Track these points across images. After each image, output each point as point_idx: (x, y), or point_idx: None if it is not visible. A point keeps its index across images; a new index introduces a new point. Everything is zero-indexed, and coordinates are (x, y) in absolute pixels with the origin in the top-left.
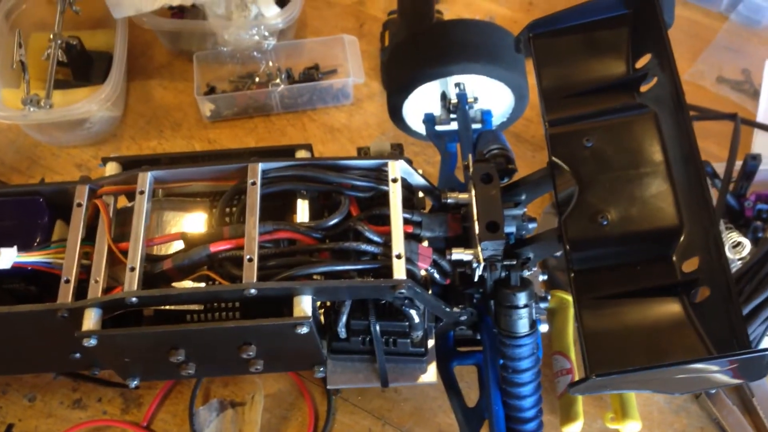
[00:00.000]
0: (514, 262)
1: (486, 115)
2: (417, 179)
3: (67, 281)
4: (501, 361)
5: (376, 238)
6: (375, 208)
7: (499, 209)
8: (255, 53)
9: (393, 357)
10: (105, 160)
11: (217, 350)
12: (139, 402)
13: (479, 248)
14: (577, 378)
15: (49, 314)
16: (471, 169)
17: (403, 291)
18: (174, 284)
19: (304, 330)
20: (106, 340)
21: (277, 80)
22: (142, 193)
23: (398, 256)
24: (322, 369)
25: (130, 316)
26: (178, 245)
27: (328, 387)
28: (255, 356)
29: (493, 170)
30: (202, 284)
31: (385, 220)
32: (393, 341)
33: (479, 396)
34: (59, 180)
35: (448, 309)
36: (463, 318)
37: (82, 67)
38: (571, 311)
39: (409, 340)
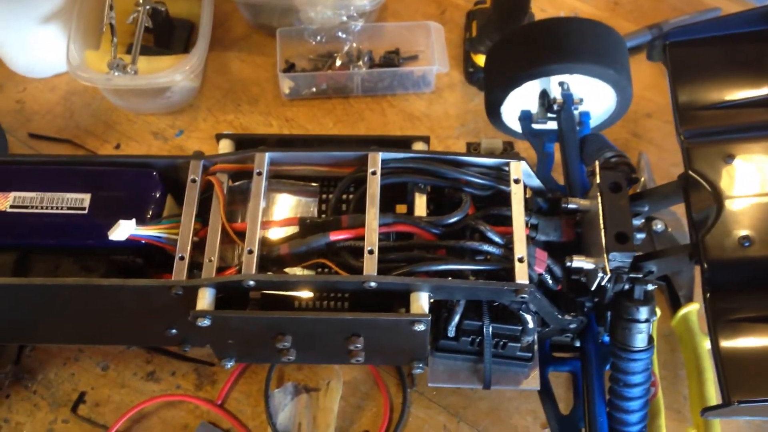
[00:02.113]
0: (640, 276)
1: (584, 117)
2: (533, 181)
3: (182, 258)
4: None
5: (497, 239)
6: (492, 207)
7: (628, 220)
8: (339, 33)
9: (498, 360)
10: (218, 137)
11: (323, 339)
12: (213, 379)
13: (606, 258)
14: (660, 392)
15: (161, 290)
16: (598, 177)
17: (524, 296)
18: (286, 269)
19: (421, 327)
20: (220, 321)
21: (360, 63)
22: (259, 174)
23: (520, 260)
24: (421, 365)
25: (235, 298)
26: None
27: (429, 384)
28: (360, 348)
29: (621, 179)
30: (312, 272)
31: (502, 220)
32: (503, 344)
33: (573, 405)
34: (135, 146)
35: (560, 316)
36: (572, 326)
37: (164, 33)
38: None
39: (518, 345)
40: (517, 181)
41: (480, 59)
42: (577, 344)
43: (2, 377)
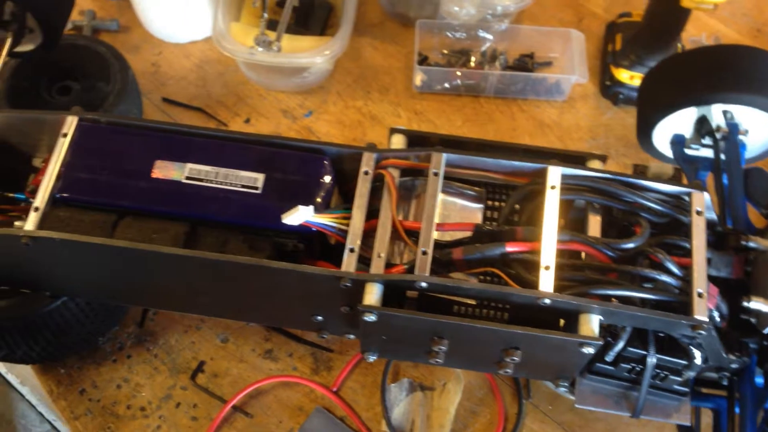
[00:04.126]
0: None
1: (741, 149)
2: (710, 213)
3: (352, 250)
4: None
5: (676, 271)
6: (668, 236)
7: None
8: (480, 32)
9: (653, 390)
10: (392, 131)
11: (479, 347)
12: (329, 365)
13: None
14: None
15: (330, 280)
16: None
17: (702, 332)
18: (454, 275)
19: (589, 351)
20: (385, 318)
21: (495, 63)
22: (436, 174)
23: (700, 295)
24: (566, 384)
25: (391, 294)
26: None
27: (577, 405)
28: (515, 361)
29: None
30: (475, 279)
31: (679, 251)
32: (663, 376)
33: None
34: (265, 122)
35: (725, 355)
36: (734, 366)
37: (304, 13)
38: None
39: (678, 378)
40: (699, 213)
41: (621, 73)
42: (725, 383)
43: (125, 337)
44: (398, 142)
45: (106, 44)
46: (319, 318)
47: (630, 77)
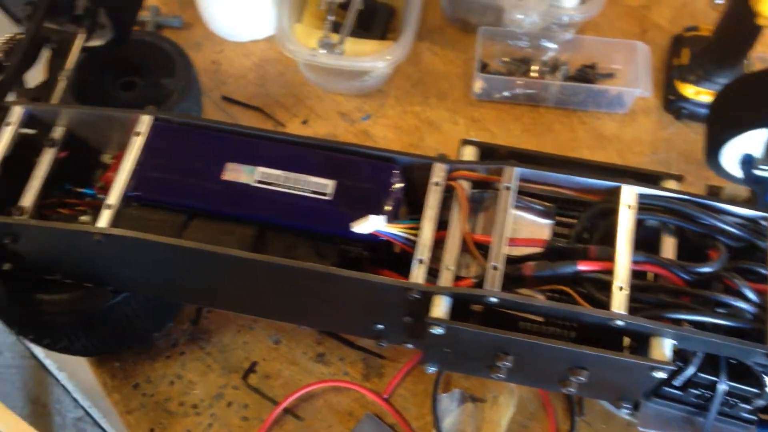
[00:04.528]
0: None
1: None
2: None
3: (421, 261)
4: None
5: (753, 297)
6: (744, 261)
7: None
8: (543, 41)
9: (720, 417)
10: (464, 143)
11: (544, 365)
12: (380, 372)
13: None
14: None
15: (397, 290)
16: None
17: None
18: (522, 291)
19: (661, 375)
20: (452, 331)
21: (557, 73)
22: (508, 188)
23: None
24: (628, 406)
25: (455, 307)
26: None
27: (640, 429)
28: (581, 382)
29: None
30: (542, 295)
31: (753, 276)
32: (732, 403)
33: None
34: (322, 124)
35: None
36: None
37: (366, 16)
38: None
39: (748, 406)
40: None
41: (686, 88)
42: None
43: (179, 334)
44: (469, 153)
45: (171, 41)
46: (380, 327)
47: (696, 93)
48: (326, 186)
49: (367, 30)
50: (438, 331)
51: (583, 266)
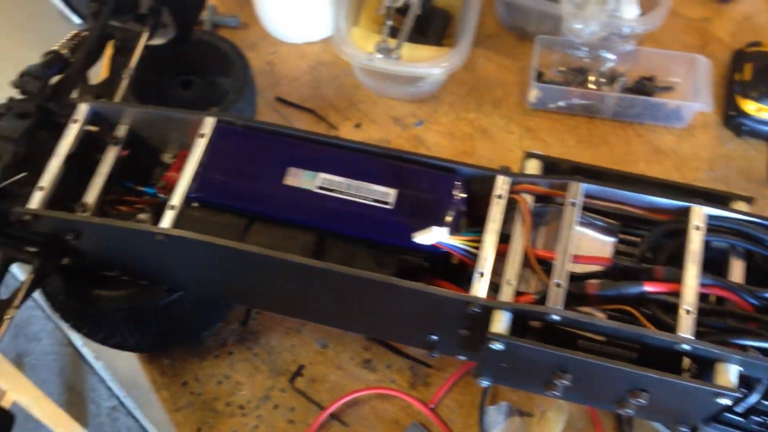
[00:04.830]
0: None
1: None
2: None
3: (482, 275)
4: None
5: None
6: None
7: None
8: (602, 51)
9: None
10: (528, 155)
11: (604, 385)
12: (426, 381)
13: None
14: None
15: (457, 303)
16: None
17: None
18: (584, 309)
19: (725, 402)
20: (512, 347)
21: (615, 85)
22: (573, 204)
23: None
24: (686, 430)
25: (515, 323)
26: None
27: None
28: (640, 404)
29: None
30: (604, 315)
31: None
32: None
33: None
34: (375, 128)
35: None
36: None
37: (422, 21)
38: None
39: None
40: None
41: (747, 104)
42: None
43: (228, 334)
44: (533, 166)
45: (228, 41)
46: (434, 338)
47: (758, 109)
48: (388, 195)
49: (423, 35)
50: (498, 346)
51: (650, 287)
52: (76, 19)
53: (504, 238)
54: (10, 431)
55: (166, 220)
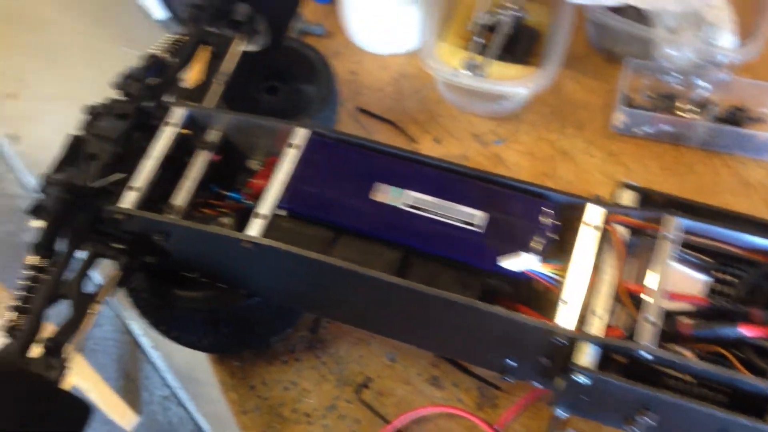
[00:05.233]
0: None
1: None
2: None
3: (570, 305)
4: None
5: None
6: None
7: None
8: (694, 78)
9: None
10: (622, 185)
11: (689, 426)
12: (494, 402)
13: None
14: None
15: (542, 331)
16: None
17: None
18: (671, 346)
19: None
20: (599, 383)
21: (705, 113)
22: (668, 239)
23: None
24: None
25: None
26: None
27: None
28: None
29: None
30: (693, 354)
31: None
32: None
33: None
34: (454, 144)
35: None
36: None
37: (511, 40)
38: None
39: None
40: None
41: None
42: None
43: (297, 340)
44: (626, 197)
45: (315, 49)
46: (511, 363)
47: None
48: (476, 217)
49: (510, 53)
50: (582, 380)
51: (748, 331)
52: (157, 15)
53: (594, 269)
54: (85, 423)
55: (255, 228)
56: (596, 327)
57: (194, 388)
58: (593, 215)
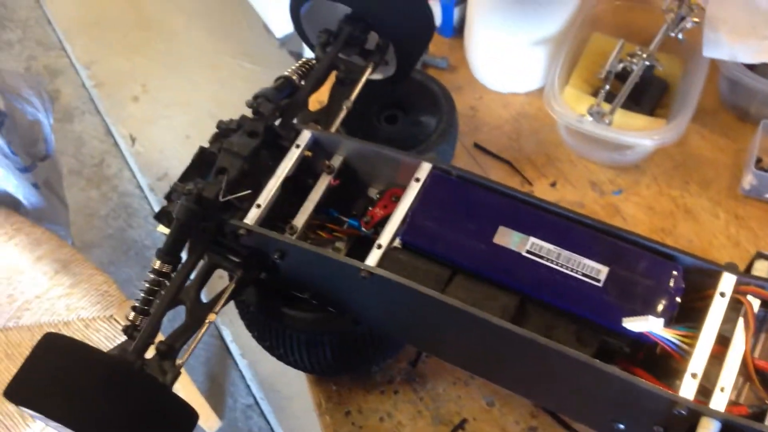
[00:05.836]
0: None
1: None
2: None
3: (694, 376)
4: None
5: None
6: None
7: None
8: None
9: None
10: (759, 256)
11: None
12: None
13: None
14: None
15: (661, 399)
16: None
17: None
18: None
19: None
20: None
21: None
22: None
23: None
24: None
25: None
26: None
27: None
28: None
29: None
30: None
31: None
32: None
33: None
34: (571, 190)
35: None
36: None
37: (639, 89)
38: None
39: None
40: None
41: None
42: None
43: (396, 372)
44: (762, 268)
45: (438, 82)
46: (621, 426)
47: None
48: (599, 272)
49: (636, 103)
50: None
51: None
52: (278, 34)
53: (719, 340)
54: (192, 430)
55: (372, 258)
56: (719, 402)
57: (277, 400)
58: (727, 284)
